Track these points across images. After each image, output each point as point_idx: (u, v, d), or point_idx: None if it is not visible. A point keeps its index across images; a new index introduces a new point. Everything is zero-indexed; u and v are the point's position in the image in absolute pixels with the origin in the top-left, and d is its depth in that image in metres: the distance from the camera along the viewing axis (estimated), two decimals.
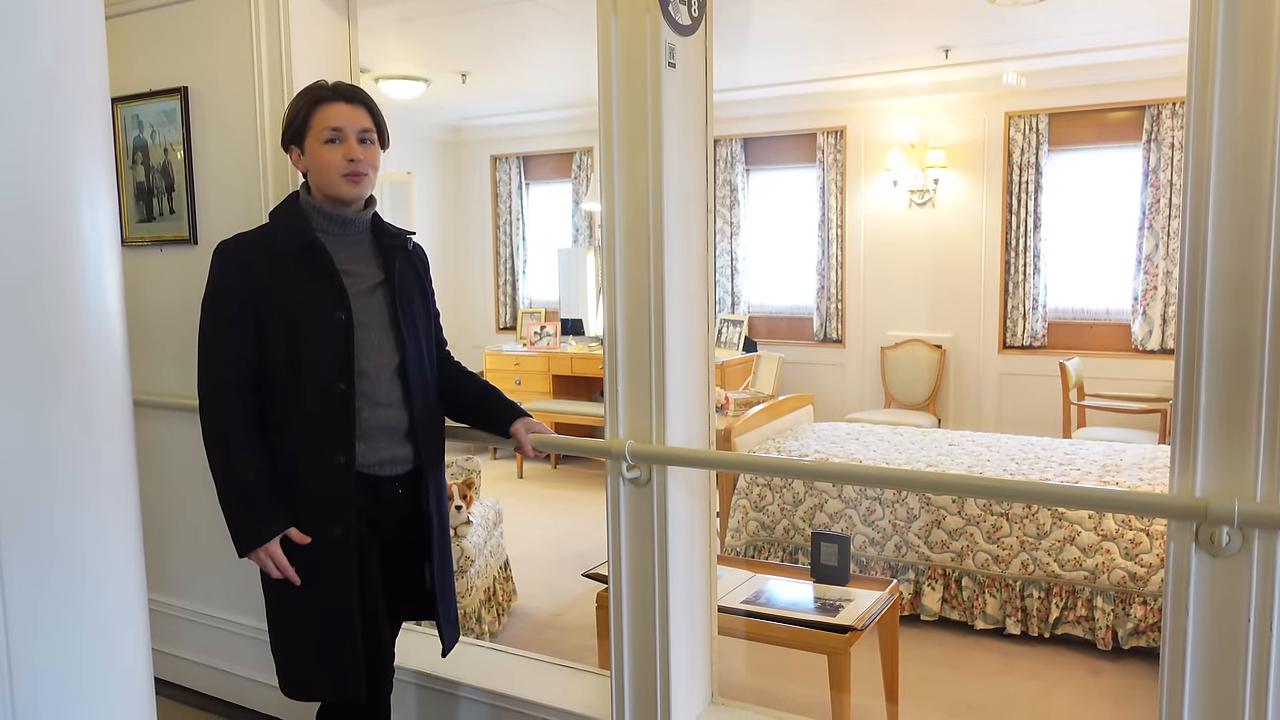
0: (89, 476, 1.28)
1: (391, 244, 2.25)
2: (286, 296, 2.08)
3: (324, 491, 2.11)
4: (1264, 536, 1.76)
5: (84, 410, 1.28)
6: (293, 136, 2.18)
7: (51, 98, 1.23)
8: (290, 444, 2.11)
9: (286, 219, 2.18)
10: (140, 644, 1.38)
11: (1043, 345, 6.80)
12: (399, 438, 2.20)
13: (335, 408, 2.10)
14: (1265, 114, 1.69)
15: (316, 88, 2.18)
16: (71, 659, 1.27)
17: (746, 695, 3.27)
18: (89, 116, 1.29)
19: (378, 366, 2.16)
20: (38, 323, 1.23)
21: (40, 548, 1.23)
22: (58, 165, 1.25)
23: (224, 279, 2.13)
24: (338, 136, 2.13)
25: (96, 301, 1.29)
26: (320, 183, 2.16)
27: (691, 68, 2.40)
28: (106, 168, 1.33)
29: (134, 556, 1.36)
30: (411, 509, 2.26)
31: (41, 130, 1.22)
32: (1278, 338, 1.71)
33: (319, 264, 2.13)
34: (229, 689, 3.31)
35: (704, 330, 2.51)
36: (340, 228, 2.19)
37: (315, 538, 2.12)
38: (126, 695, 1.36)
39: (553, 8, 4.87)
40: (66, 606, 1.26)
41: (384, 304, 2.20)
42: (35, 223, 1.22)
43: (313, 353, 2.08)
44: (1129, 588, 3.85)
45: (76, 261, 1.26)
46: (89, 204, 1.28)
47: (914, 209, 7.06)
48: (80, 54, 1.27)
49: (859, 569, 4.32)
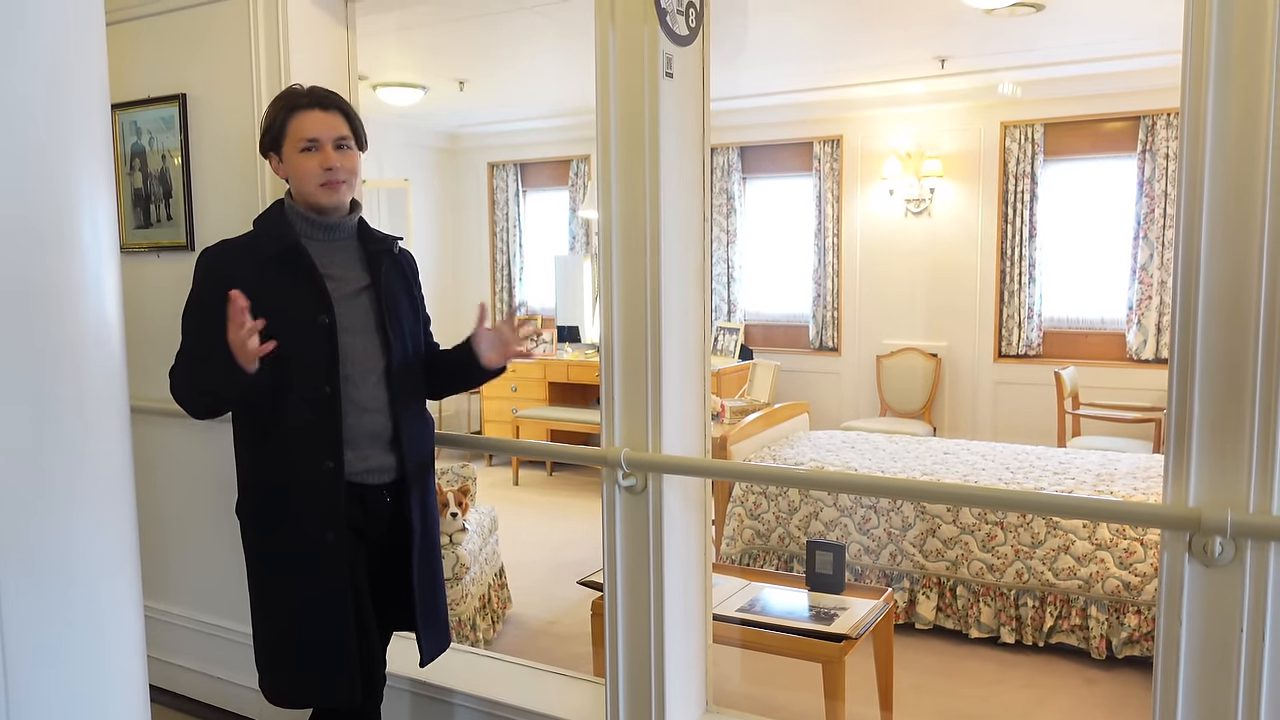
0: (86, 482, 1.28)
1: (377, 249, 2.25)
2: (269, 301, 2.04)
3: (314, 497, 2.10)
4: (1257, 547, 1.76)
5: (81, 416, 1.28)
6: (270, 144, 2.18)
7: (51, 104, 1.24)
8: (277, 450, 2.11)
9: (270, 225, 2.18)
10: (135, 650, 1.38)
11: (1038, 354, 6.81)
12: (383, 445, 2.19)
13: (321, 412, 2.09)
14: (1258, 124, 1.71)
15: (292, 94, 2.17)
16: (66, 665, 1.27)
17: (741, 704, 3.28)
18: (89, 123, 1.29)
19: (363, 371, 2.15)
20: (35, 329, 1.23)
21: (36, 554, 1.23)
22: (57, 172, 1.25)
23: (206, 283, 2.12)
24: (314, 145, 2.13)
25: (95, 308, 1.30)
26: (299, 190, 2.17)
27: (689, 78, 2.41)
28: (106, 174, 1.33)
29: (130, 563, 1.37)
30: (398, 517, 2.25)
31: (41, 136, 1.23)
32: (1270, 349, 1.72)
33: (301, 268, 2.12)
34: (224, 696, 3.30)
35: (700, 338, 2.52)
36: (324, 233, 2.19)
37: (307, 545, 2.11)
38: (121, 702, 1.35)
39: (550, 16, 4.88)
40: (61, 613, 1.26)
41: (369, 308, 2.19)
42: (34, 229, 1.22)
43: (297, 357, 2.07)
44: (1123, 597, 3.85)
45: (75, 268, 1.27)
46: (88, 210, 1.29)
47: (910, 218, 7.08)
48: (81, 60, 1.28)
49: (854, 577, 4.32)
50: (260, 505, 2.19)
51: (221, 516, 3.17)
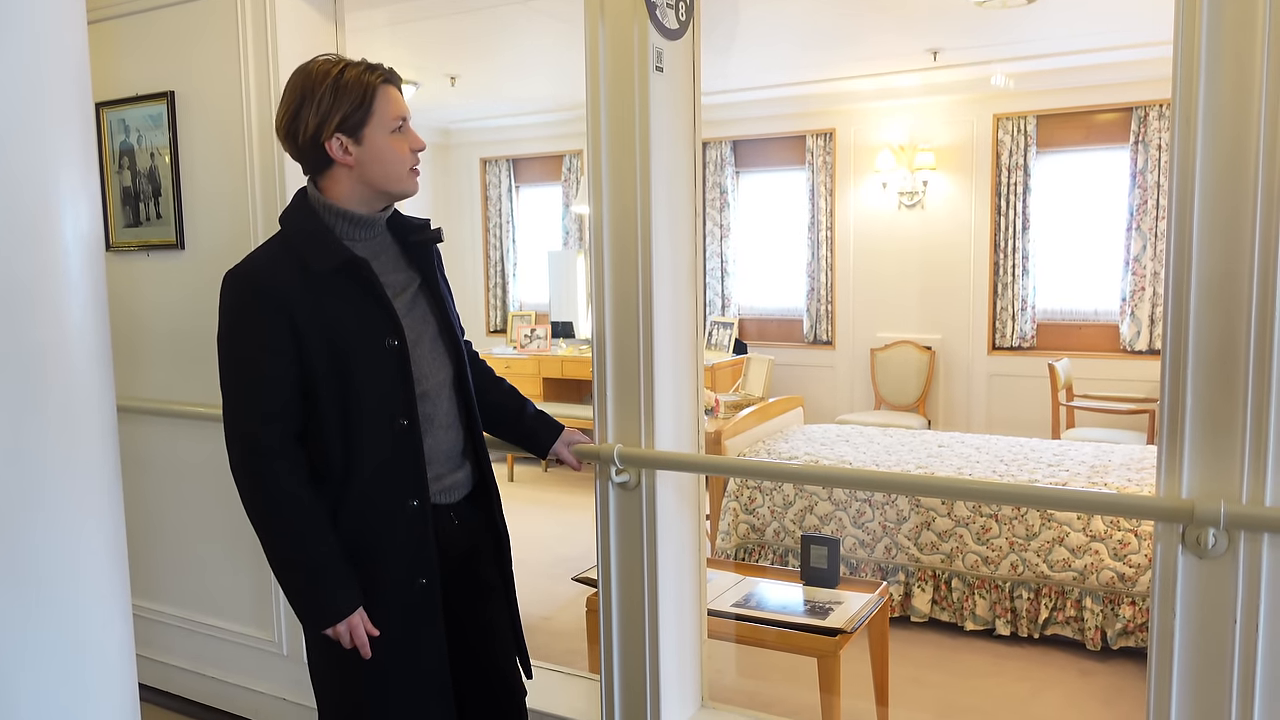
0: (71, 483, 1.28)
1: (420, 239, 1.96)
2: (330, 327, 1.77)
3: (400, 541, 1.84)
4: (1249, 538, 1.77)
5: (66, 418, 1.27)
6: (351, 123, 1.79)
7: (31, 103, 1.23)
8: (351, 495, 1.81)
9: (307, 231, 1.84)
10: (124, 651, 1.38)
11: (1032, 346, 6.82)
12: (456, 459, 1.96)
13: (401, 446, 1.83)
14: (1249, 116, 1.70)
15: (368, 66, 1.82)
16: (54, 666, 1.26)
17: (736, 698, 3.28)
18: (71, 121, 1.28)
19: (437, 385, 1.91)
20: (19, 330, 1.22)
21: (21, 557, 1.23)
22: (38, 172, 1.24)
23: (254, 314, 1.76)
24: (404, 125, 1.84)
25: (79, 309, 1.29)
26: (378, 178, 1.83)
27: (679, 72, 2.40)
28: (90, 173, 1.32)
29: (117, 564, 1.36)
30: (471, 540, 2.01)
31: (21, 136, 1.22)
32: (1263, 340, 1.72)
33: (362, 283, 1.81)
34: (216, 695, 3.29)
35: (693, 333, 2.51)
36: (365, 231, 1.88)
37: (397, 593, 1.84)
38: (110, 703, 1.35)
39: (541, 11, 4.87)
40: (48, 614, 1.25)
41: (427, 313, 1.94)
42: (15, 229, 1.21)
43: (366, 388, 1.80)
44: (1117, 588, 3.86)
45: (58, 268, 1.26)
46: (71, 210, 1.27)
47: (903, 211, 7.08)
48: (61, 58, 1.26)
49: (849, 571, 4.32)
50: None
51: (213, 515, 3.17)
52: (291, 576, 1.80)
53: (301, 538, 1.77)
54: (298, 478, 1.78)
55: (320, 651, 1.88)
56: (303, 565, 1.78)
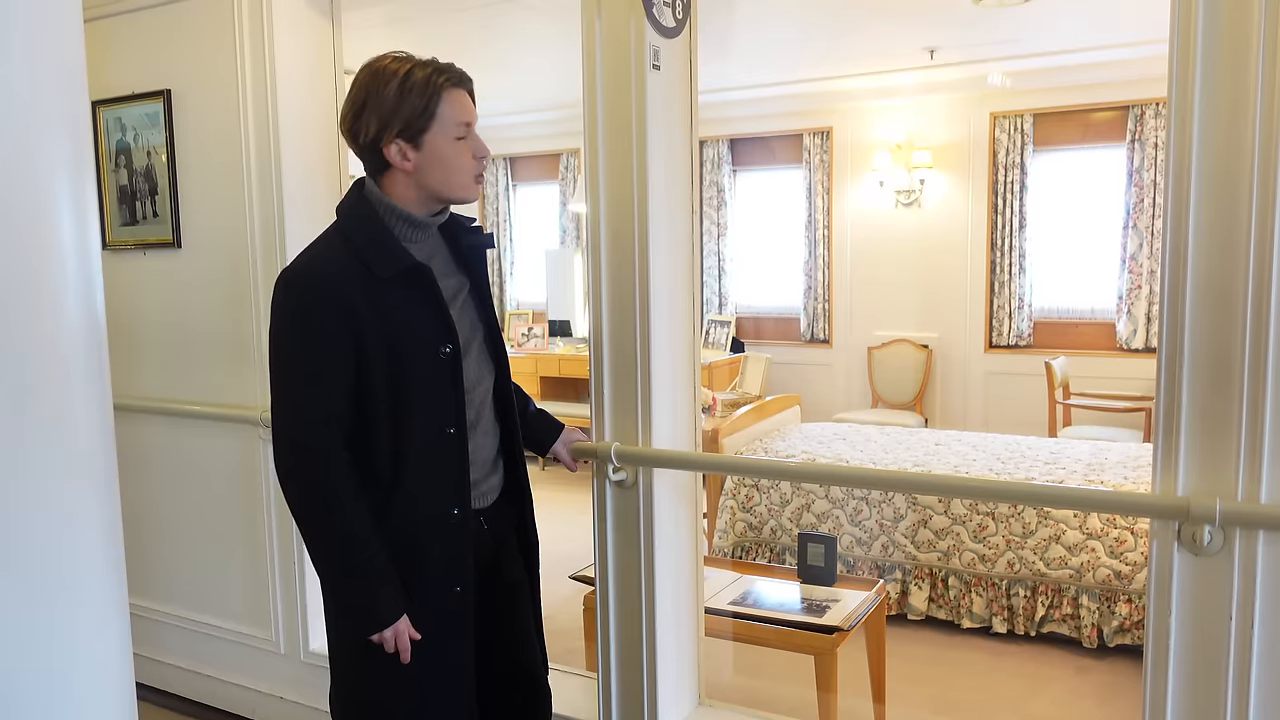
0: (67, 482, 1.27)
1: (472, 242, 1.95)
2: (390, 334, 1.75)
3: (440, 547, 1.84)
4: (1245, 535, 1.77)
5: (63, 417, 1.27)
6: (412, 129, 1.75)
7: (27, 101, 1.22)
8: (396, 501, 1.81)
9: (369, 233, 1.80)
10: (121, 650, 1.37)
11: (1028, 344, 6.82)
12: (491, 463, 1.95)
13: (446, 454, 1.82)
14: (1245, 114, 1.70)
15: (437, 67, 1.77)
16: (50, 665, 1.26)
17: (733, 696, 3.27)
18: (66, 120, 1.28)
19: (483, 392, 1.92)
20: (14, 328, 1.21)
21: (17, 555, 1.22)
22: (34, 170, 1.23)
23: (316, 317, 1.73)
24: (469, 131, 1.81)
25: (76, 308, 1.28)
26: (437, 184, 1.80)
27: (676, 70, 2.40)
28: (86, 172, 1.31)
29: (114, 563, 1.35)
30: (497, 545, 2.00)
31: (16, 134, 1.21)
32: (1258, 338, 1.72)
33: (424, 290, 1.80)
34: (212, 693, 3.29)
35: (690, 331, 2.51)
36: (421, 233, 1.86)
37: (434, 600, 1.84)
38: (107, 701, 1.35)
39: (538, 9, 4.86)
40: (44, 613, 1.25)
41: (475, 317, 1.92)
42: (10, 228, 1.21)
43: (419, 395, 1.79)
44: (1114, 586, 3.87)
45: (55, 267, 1.25)
46: (67, 209, 1.27)
47: (900, 209, 7.08)
48: (56, 56, 1.26)
49: (846, 569, 4.33)
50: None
51: (210, 514, 3.16)
52: (342, 581, 1.79)
53: (354, 543, 1.75)
54: (352, 484, 1.76)
55: (350, 652, 1.86)
56: (355, 570, 1.77)
